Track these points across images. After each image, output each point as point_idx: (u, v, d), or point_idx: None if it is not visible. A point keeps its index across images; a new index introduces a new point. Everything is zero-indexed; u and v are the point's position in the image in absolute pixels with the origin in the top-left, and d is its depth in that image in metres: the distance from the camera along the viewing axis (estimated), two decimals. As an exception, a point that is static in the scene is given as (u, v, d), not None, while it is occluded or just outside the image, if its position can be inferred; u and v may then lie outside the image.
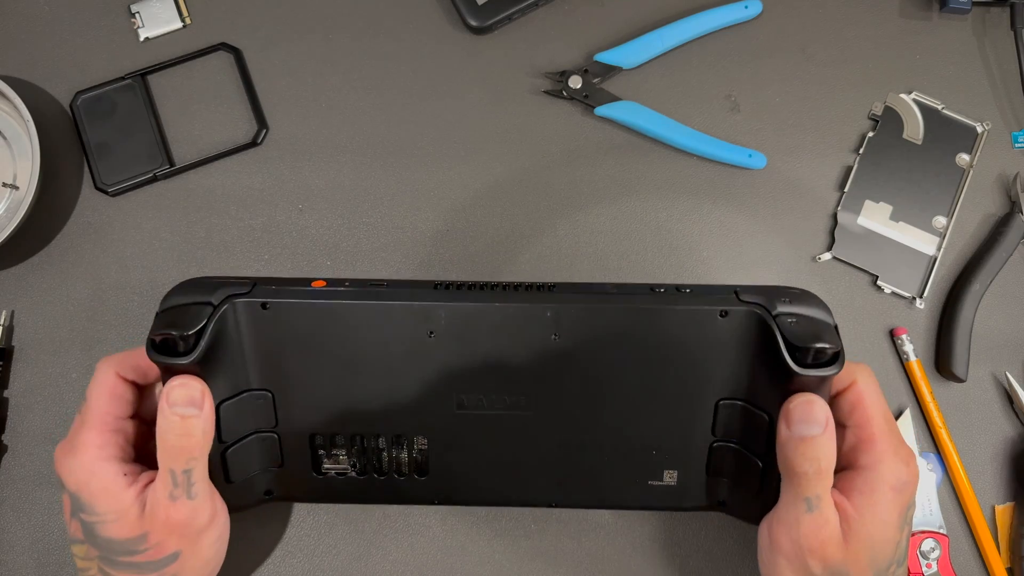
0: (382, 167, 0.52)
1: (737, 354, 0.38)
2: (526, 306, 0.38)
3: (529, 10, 0.53)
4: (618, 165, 0.52)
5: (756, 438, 0.39)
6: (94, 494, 0.37)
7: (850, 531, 0.36)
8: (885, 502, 0.37)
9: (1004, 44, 0.54)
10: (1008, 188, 0.52)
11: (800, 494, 0.37)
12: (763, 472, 0.40)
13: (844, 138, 0.53)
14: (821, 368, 0.36)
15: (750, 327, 0.37)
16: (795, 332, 0.36)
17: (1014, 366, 0.50)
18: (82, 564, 0.39)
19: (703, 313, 0.38)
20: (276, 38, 0.53)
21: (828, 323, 0.38)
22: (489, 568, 0.48)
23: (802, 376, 0.36)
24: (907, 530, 0.38)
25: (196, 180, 0.51)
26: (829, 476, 0.36)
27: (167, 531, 0.37)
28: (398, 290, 0.39)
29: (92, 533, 0.37)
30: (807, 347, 0.36)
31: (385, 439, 0.41)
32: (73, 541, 0.39)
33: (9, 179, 0.50)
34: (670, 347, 0.38)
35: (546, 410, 0.40)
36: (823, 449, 0.36)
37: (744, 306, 0.37)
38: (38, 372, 0.49)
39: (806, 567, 0.37)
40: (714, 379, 0.39)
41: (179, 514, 0.37)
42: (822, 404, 0.36)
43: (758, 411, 0.39)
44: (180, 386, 0.37)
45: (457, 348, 0.39)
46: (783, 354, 0.36)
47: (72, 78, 0.52)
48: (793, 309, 0.37)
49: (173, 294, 0.39)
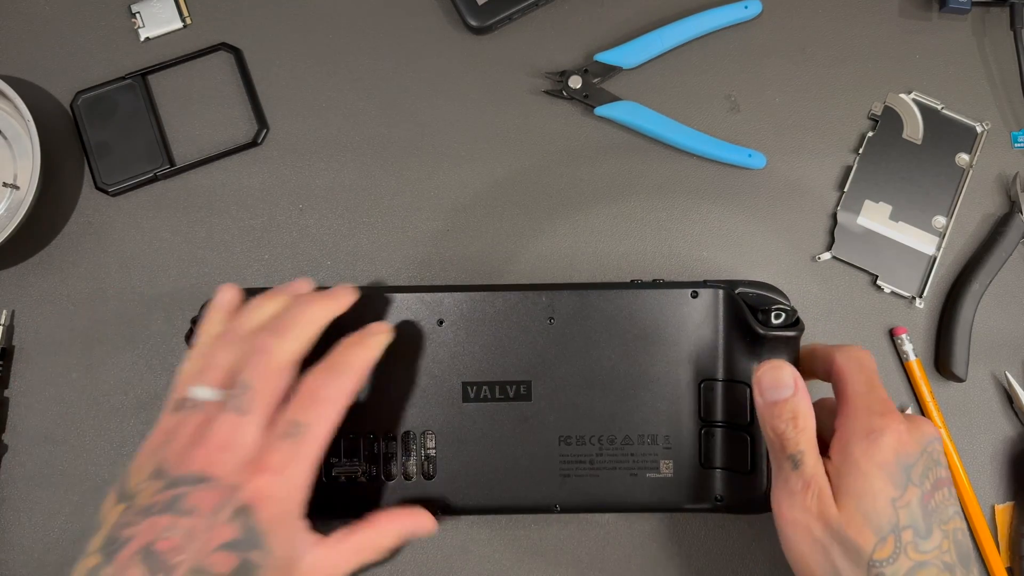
0: (382, 167, 0.52)
1: (711, 332, 0.43)
2: (524, 293, 0.44)
3: (529, 10, 0.53)
4: (618, 165, 0.52)
5: (740, 412, 0.43)
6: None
7: (837, 489, 0.37)
8: (860, 452, 0.36)
9: (1004, 44, 0.54)
10: (1008, 188, 0.52)
11: (784, 453, 0.38)
12: (752, 446, 0.42)
13: (844, 138, 0.53)
14: (784, 330, 0.41)
15: (718, 304, 0.43)
16: (755, 302, 0.43)
17: (1014, 366, 0.50)
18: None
19: (676, 294, 0.44)
20: (276, 38, 0.53)
21: (782, 295, 0.44)
22: (489, 568, 0.48)
23: (768, 337, 0.41)
24: (913, 490, 0.36)
25: (196, 180, 0.52)
26: (808, 432, 0.38)
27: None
28: (409, 285, 0.44)
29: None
30: (767, 309, 0.42)
31: (395, 437, 0.43)
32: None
33: (9, 179, 0.50)
34: (652, 327, 0.44)
35: (546, 398, 0.43)
36: (796, 407, 0.38)
37: (710, 287, 0.43)
38: (38, 372, 0.49)
39: (809, 531, 0.37)
40: (695, 360, 0.44)
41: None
42: (788, 368, 0.39)
43: (738, 384, 0.43)
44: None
45: (464, 335, 0.43)
46: (748, 317, 0.42)
47: (72, 78, 0.52)
48: (751, 289, 0.44)
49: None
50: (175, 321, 0.50)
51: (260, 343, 0.37)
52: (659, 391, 0.44)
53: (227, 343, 0.38)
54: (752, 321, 0.42)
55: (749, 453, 0.43)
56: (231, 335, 0.39)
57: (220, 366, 0.37)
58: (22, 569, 0.48)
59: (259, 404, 0.36)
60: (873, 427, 0.37)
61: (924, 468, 0.37)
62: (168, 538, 0.33)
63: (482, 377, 0.43)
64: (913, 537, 0.36)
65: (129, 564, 0.33)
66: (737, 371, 0.43)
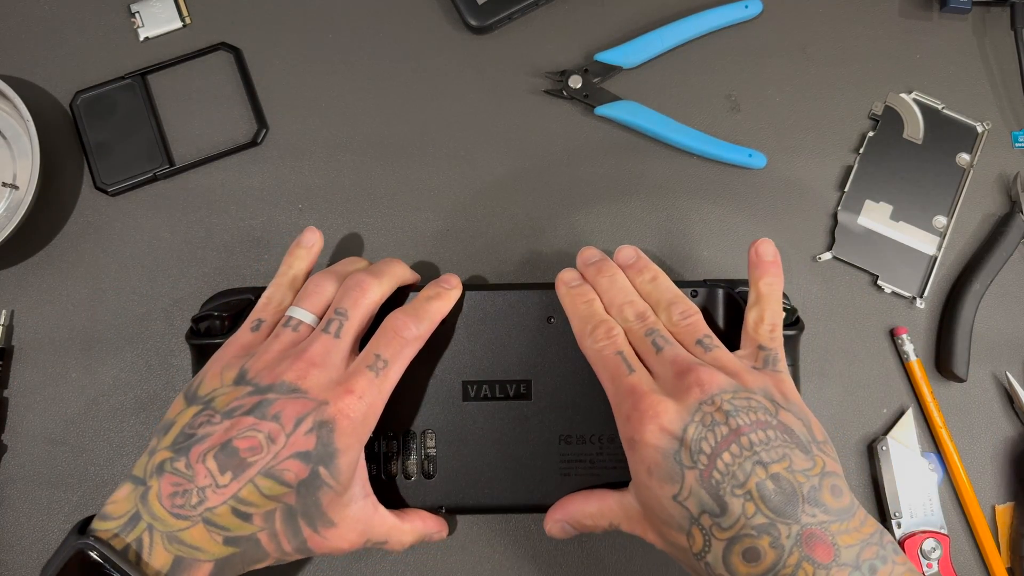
0: (382, 167, 0.52)
1: (712, 329, 0.42)
2: (524, 293, 0.44)
3: (529, 10, 0.53)
4: (618, 165, 0.52)
5: None
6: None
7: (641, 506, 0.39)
8: (632, 466, 0.38)
9: (1004, 44, 0.54)
10: (1008, 188, 0.52)
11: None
12: None
13: (844, 138, 0.53)
14: (784, 329, 0.41)
15: (718, 302, 0.43)
16: None
17: (1014, 366, 0.50)
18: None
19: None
20: (276, 38, 0.53)
21: (783, 295, 0.43)
22: (489, 568, 0.48)
23: None
24: (691, 473, 0.35)
25: (196, 180, 0.51)
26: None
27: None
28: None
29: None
30: None
31: (395, 436, 0.43)
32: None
33: (9, 179, 0.50)
34: None
35: (546, 397, 0.43)
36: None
37: (710, 287, 0.44)
38: (38, 372, 0.49)
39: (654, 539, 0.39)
40: None
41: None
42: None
43: None
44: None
45: (464, 334, 0.43)
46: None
47: (72, 78, 0.52)
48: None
49: (216, 297, 0.45)
50: (174, 321, 0.50)
51: (360, 280, 0.41)
52: None
53: (329, 277, 0.42)
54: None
55: None
56: (333, 272, 0.43)
57: (320, 295, 0.41)
58: (22, 569, 0.48)
59: (351, 332, 0.40)
60: (628, 435, 0.37)
61: (696, 441, 0.35)
62: (248, 438, 0.36)
63: (482, 376, 0.43)
64: (711, 519, 0.35)
65: (202, 459, 0.36)
66: None
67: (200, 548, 0.36)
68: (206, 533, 0.36)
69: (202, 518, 0.35)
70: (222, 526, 0.36)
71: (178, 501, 0.35)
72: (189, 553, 0.35)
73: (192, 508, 0.35)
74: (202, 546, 0.36)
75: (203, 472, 0.36)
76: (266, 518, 0.36)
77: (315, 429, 0.37)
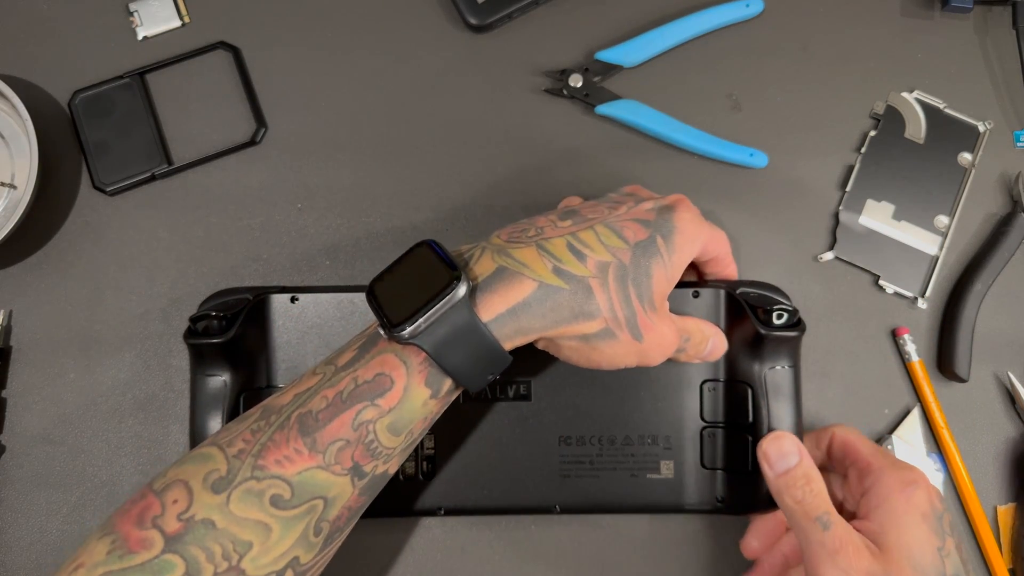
0: (382, 166, 0.52)
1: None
2: None
3: (529, 8, 0.53)
4: (619, 164, 0.52)
5: (741, 412, 0.43)
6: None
7: (881, 545, 0.37)
8: (902, 506, 0.38)
9: (1006, 43, 0.54)
10: (1010, 187, 0.52)
11: (809, 518, 0.38)
12: (752, 446, 0.42)
13: (846, 137, 0.52)
14: (785, 330, 0.42)
15: (719, 304, 0.43)
16: (757, 302, 0.43)
17: (1016, 366, 0.50)
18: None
19: (678, 294, 0.43)
20: (275, 37, 0.53)
21: (784, 295, 0.44)
22: (489, 568, 0.48)
23: (770, 337, 0.41)
24: (949, 540, 0.38)
25: (195, 179, 0.51)
26: (824, 493, 0.39)
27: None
28: None
29: None
30: (769, 309, 0.42)
31: None
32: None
33: (7, 178, 0.50)
34: None
35: (546, 398, 0.43)
36: (807, 471, 0.40)
37: (712, 287, 0.43)
38: (36, 372, 0.49)
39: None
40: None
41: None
42: (789, 436, 0.41)
43: (739, 384, 0.43)
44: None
45: None
46: (750, 317, 0.42)
47: (71, 77, 0.51)
48: (753, 289, 0.44)
49: (214, 296, 0.44)
50: (173, 321, 0.50)
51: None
52: (660, 391, 0.44)
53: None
54: (754, 321, 0.42)
55: (749, 454, 0.43)
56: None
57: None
58: (21, 569, 0.48)
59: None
60: (907, 480, 0.38)
61: (949, 518, 0.38)
62: (590, 207, 0.40)
63: None
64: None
65: (543, 214, 0.39)
66: (738, 371, 0.43)
67: (527, 265, 0.36)
68: (537, 255, 0.36)
69: (535, 242, 0.37)
70: (554, 255, 0.37)
71: (516, 235, 0.38)
72: (514, 266, 0.36)
73: (528, 238, 0.37)
74: (529, 263, 0.36)
75: (544, 219, 0.39)
76: (600, 268, 0.37)
77: (658, 210, 0.39)
